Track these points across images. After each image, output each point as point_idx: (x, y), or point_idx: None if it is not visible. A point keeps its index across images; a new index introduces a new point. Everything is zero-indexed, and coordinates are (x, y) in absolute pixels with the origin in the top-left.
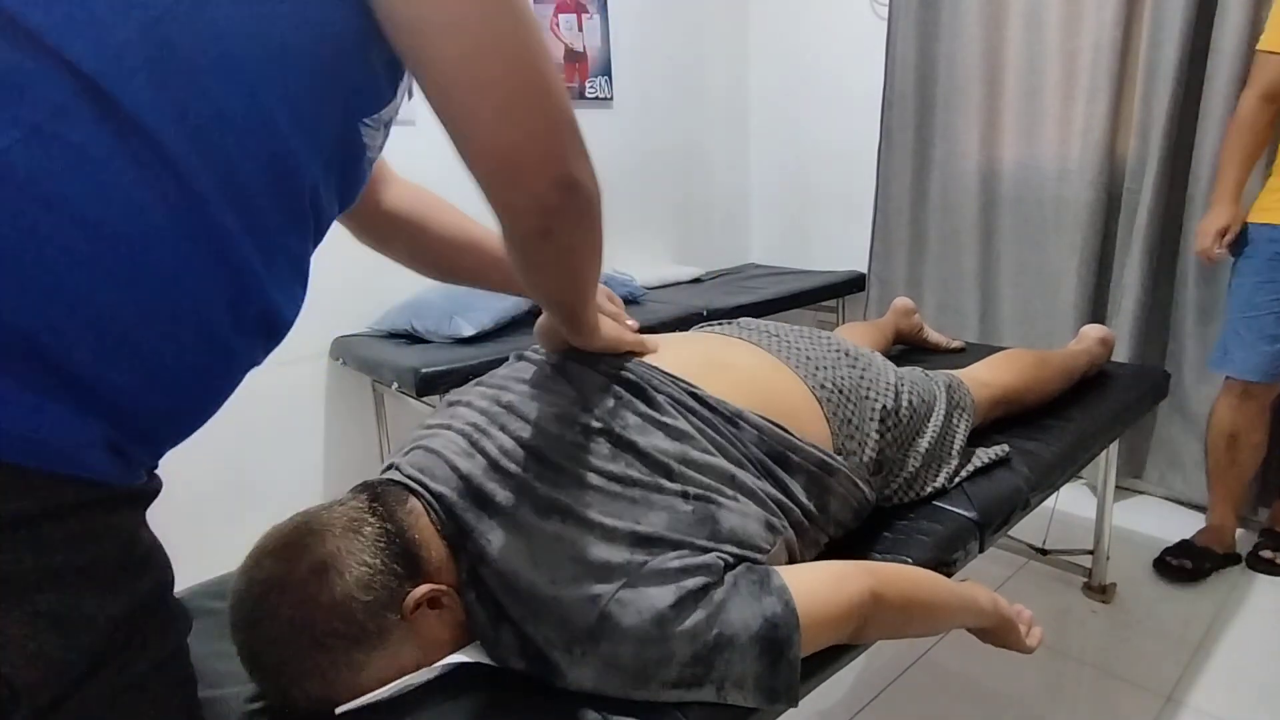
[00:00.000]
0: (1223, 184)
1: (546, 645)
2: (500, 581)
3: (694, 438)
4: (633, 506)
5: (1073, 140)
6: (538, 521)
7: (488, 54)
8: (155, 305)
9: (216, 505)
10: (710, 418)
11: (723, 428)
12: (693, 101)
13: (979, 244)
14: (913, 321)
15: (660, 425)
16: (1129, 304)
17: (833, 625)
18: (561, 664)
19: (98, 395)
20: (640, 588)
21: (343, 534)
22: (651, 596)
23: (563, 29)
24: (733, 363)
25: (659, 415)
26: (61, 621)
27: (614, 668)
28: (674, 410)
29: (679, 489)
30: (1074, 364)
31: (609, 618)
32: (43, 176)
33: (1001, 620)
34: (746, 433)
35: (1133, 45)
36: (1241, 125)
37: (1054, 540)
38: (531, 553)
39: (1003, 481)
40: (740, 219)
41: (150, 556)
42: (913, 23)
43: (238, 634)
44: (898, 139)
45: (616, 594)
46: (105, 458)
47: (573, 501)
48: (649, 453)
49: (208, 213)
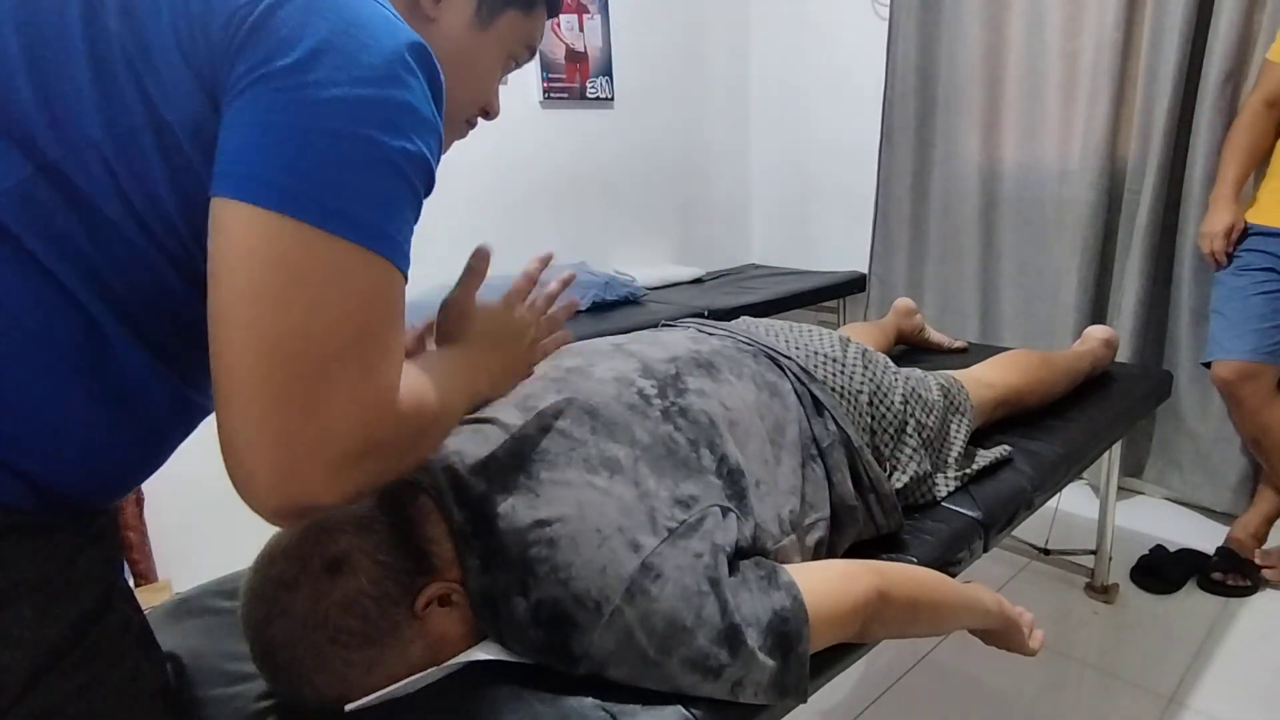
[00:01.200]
0: (1223, 183)
1: (574, 604)
2: (533, 540)
3: (739, 424)
4: (675, 470)
5: (1074, 141)
6: (586, 476)
7: (241, 344)
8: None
9: (222, 502)
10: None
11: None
12: (694, 101)
13: (980, 244)
14: (914, 322)
15: (714, 395)
16: (1129, 304)
17: (840, 623)
18: (585, 625)
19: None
20: (681, 543)
21: (354, 532)
22: (695, 546)
23: (564, 29)
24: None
25: (717, 384)
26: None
27: (642, 630)
28: (733, 378)
29: (714, 462)
30: (1078, 365)
31: (651, 568)
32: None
33: (1005, 622)
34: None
35: (1134, 47)
36: (1243, 127)
37: (1056, 540)
38: (580, 504)
39: (1006, 482)
40: (741, 219)
41: (90, 576)
42: (914, 23)
43: (250, 632)
44: (899, 139)
45: (659, 547)
46: (24, 490)
47: (623, 458)
48: (698, 421)
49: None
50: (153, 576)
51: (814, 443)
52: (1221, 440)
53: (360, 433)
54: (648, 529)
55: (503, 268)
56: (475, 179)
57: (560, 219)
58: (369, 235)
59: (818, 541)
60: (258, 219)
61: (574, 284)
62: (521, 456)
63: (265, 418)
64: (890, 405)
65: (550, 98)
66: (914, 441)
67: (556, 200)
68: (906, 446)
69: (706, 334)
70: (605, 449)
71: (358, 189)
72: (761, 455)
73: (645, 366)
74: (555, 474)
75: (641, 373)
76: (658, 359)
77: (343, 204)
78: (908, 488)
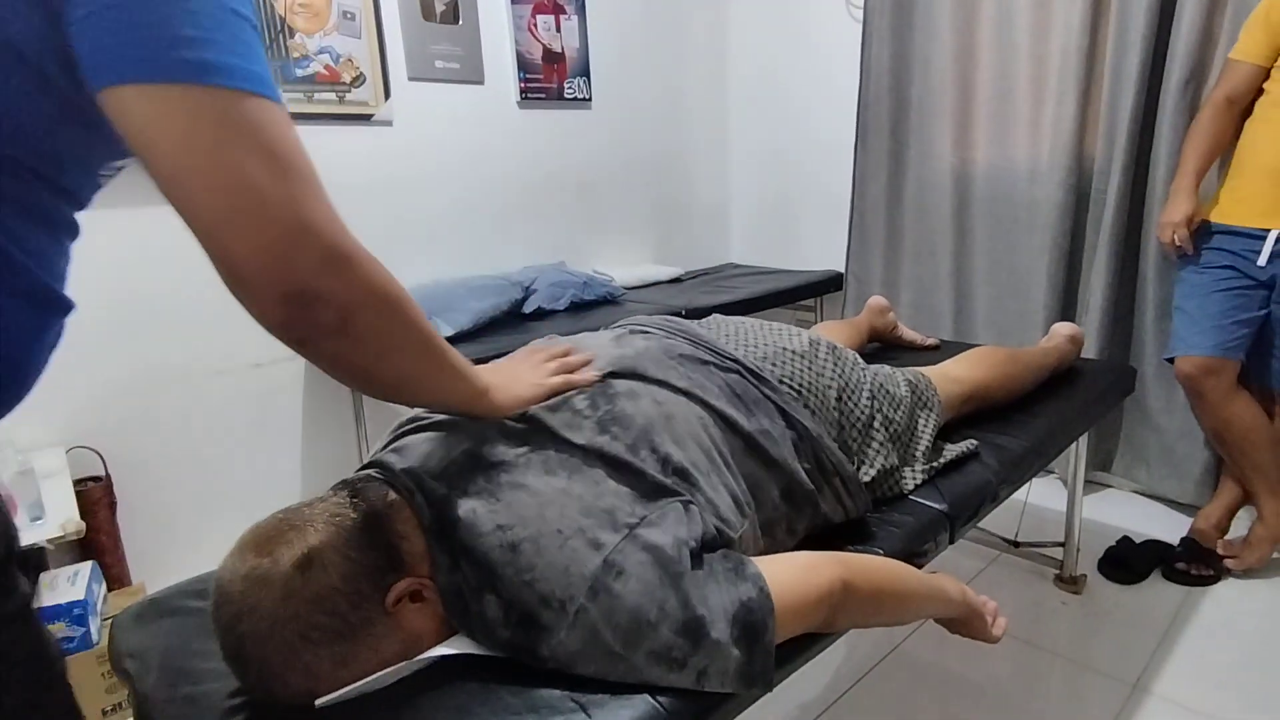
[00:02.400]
0: (1183, 175)
1: (540, 605)
2: (494, 544)
3: (675, 418)
4: (621, 474)
5: (1043, 143)
6: (544, 479)
7: (187, 174)
8: None
9: (195, 506)
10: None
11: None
12: (672, 102)
13: (953, 244)
14: (887, 320)
15: (644, 394)
16: (1096, 301)
17: (805, 613)
18: (552, 626)
19: None
20: (643, 538)
21: (325, 528)
22: (655, 540)
23: (540, 29)
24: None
25: (645, 384)
26: None
27: (607, 627)
28: (665, 386)
29: (658, 462)
30: (1044, 361)
31: (613, 565)
32: None
33: (968, 610)
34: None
35: (1099, 50)
36: (1204, 122)
37: (1026, 533)
38: (540, 506)
39: (972, 474)
40: (719, 219)
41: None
42: (887, 26)
43: (221, 629)
44: (873, 141)
45: (620, 543)
46: None
47: (581, 461)
48: (632, 425)
49: None
50: (127, 580)
51: (749, 434)
52: (1185, 435)
53: (331, 228)
54: (608, 526)
55: (482, 268)
56: (454, 179)
57: (538, 219)
58: (256, 81)
59: (773, 525)
60: (151, 96)
61: (552, 284)
62: (480, 460)
63: (245, 228)
64: (858, 401)
65: (527, 98)
66: (881, 436)
67: (535, 200)
68: (874, 441)
69: (639, 333)
70: (561, 451)
71: (227, 42)
72: (702, 446)
73: None
74: (514, 477)
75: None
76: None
77: (223, 58)
78: (875, 481)
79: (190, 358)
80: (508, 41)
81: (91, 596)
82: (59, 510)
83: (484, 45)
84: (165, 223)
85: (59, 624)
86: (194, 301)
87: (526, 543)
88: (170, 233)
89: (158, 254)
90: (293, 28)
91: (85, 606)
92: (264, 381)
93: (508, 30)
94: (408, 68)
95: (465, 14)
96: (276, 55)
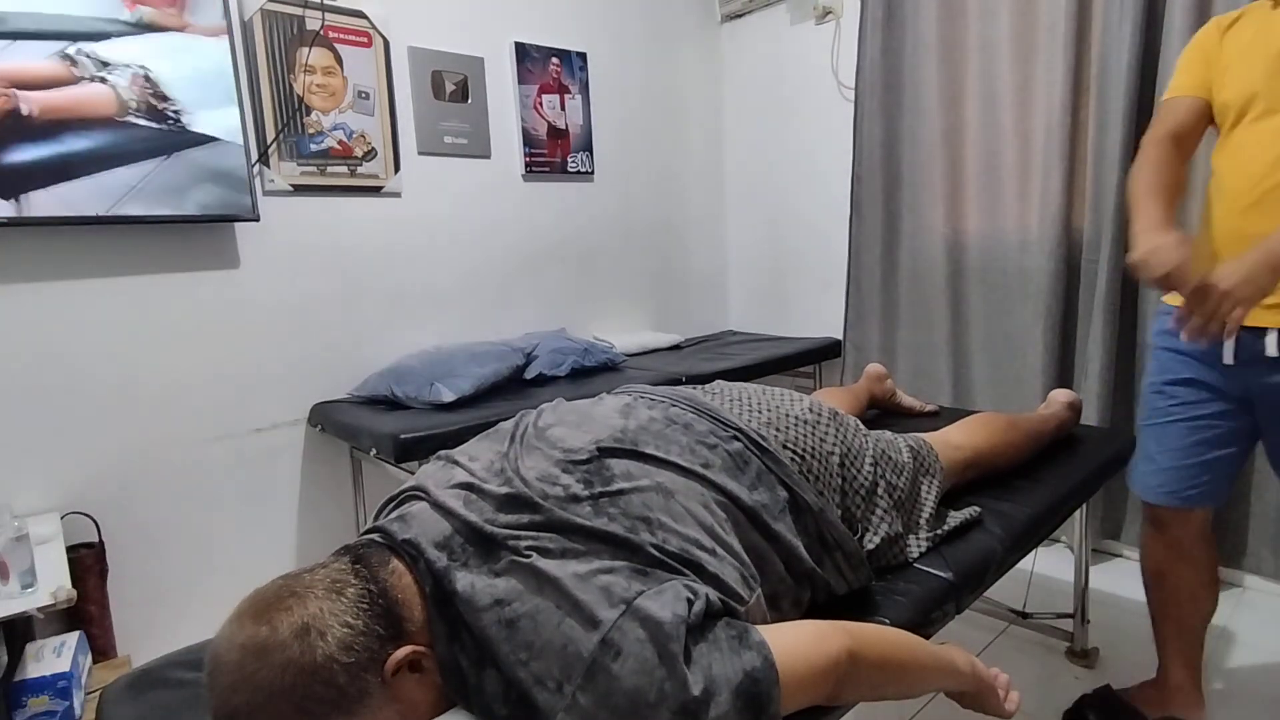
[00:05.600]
0: (1144, 216)
1: (536, 685)
2: (492, 621)
3: (675, 495)
4: (619, 552)
5: (1031, 214)
6: (541, 561)
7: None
8: None
9: (186, 573)
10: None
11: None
12: (671, 175)
13: (949, 311)
14: (885, 386)
15: (641, 475)
16: (1094, 369)
17: (811, 684)
18: (549, 707)
19: None
20: (642, 609)
21: (325, 595)
22: (654, 614)
23: (545, 108)
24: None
25: (643, 463)
26: None
27: (604, 709)
28: (659, 454)
29: (657, 543)
30: (1043, 428)
31: (611, 645)
32: None
33: (978, 683)
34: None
35: (1081, 130)
36: (1150, 164)
37: (1035, 604)
38: (538, 583)
39: (977, 542)
40: (717, 287)
41: None
42: (878, 104)
43: (216, 697)
44: (867, 212)
45: (618, 620)
46: None
47: (581, 540)
48: (629, 507)
49: None
50: (112, 652)
51: (751, 508)
52: None
53: None
54: (604, 602)
55: (485, 334)
56: (459, 248)
57: (541, 287)
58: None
59: (779, 598)
60: None
61: (553, 350)
62: (479, 534)
63: None
64: (861, 467)
65: (532, 171)
66: (885, 503)
67: (537, 268)
68: (878, 508)
69: (646, 401)
70: (559, 529)
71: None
72: (704, 523)
73: (567, 460)
74: (513, 553)
75: (564, 467)
76: (578, 445)
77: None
78: (880, 549)
79: (190, 423)
80: (514, 119)
81: (77, 669)
82: (51, 578)
83: (491, 122)
84: (164, 291)
85: (42, 697)
86: (194, 367)
87: (524, 619)
88: (169, 301)
89: (158, 321)
90: (310, 106)
91: (70, 679)
92: (264, 447)
93: (514, 108)
94: (418, 142)
95: (474, 93)
96: (293, 132)
